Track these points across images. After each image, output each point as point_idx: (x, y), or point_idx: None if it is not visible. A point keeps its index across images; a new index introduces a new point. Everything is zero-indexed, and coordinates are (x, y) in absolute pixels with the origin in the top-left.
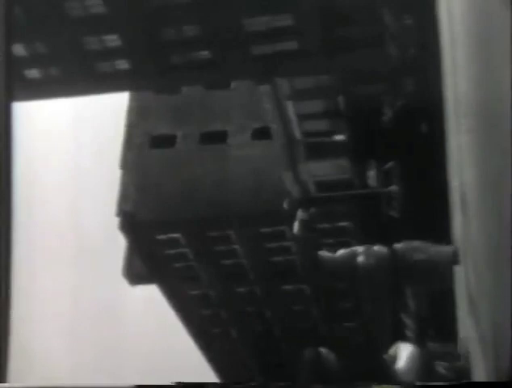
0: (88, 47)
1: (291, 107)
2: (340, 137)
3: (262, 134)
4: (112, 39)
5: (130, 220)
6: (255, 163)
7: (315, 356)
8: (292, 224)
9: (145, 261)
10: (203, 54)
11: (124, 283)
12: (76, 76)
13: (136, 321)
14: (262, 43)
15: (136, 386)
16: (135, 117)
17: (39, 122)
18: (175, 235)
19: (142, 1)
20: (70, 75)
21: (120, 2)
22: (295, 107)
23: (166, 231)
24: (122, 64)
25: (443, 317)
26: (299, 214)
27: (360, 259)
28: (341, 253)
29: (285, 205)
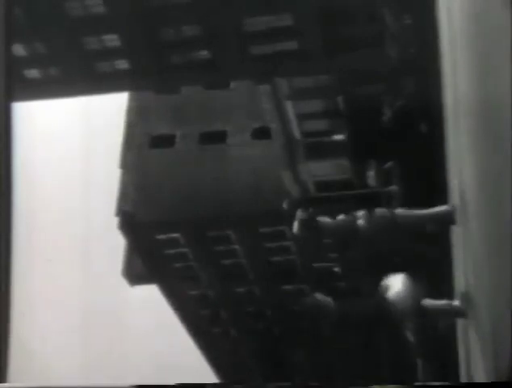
0: (88, 47)
1: (290, 106)
2: (340, 137)
3: (262, 134)
4: (112, 39)
5: (130, 220)
6: (255, 163)
7: (314, 302)
8: (292, 224)
9: (145, 261)
10: (202, 54)
11: (124, 283)
12: (75, 76)
13: (136, 321)
14: (262, 43)
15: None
16: (134, 117)
17: (39, 122)
18: (175, 235)
19: (142, 1)
20: (70, 75)
21: (120, 2)
22: (294, 106)
23: (166, 231)
24: (122, 64)
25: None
26: (298, 214)
27: (361, 222)
28: (341, 217)
29: (285, 205)
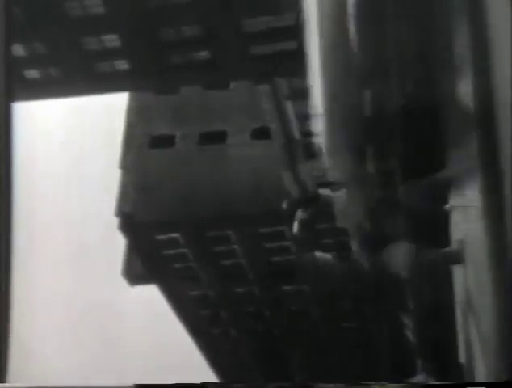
0: (87, 47)
1: (290, 107)
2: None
3: (262, 134)
4: (111, 39)
5: (129, 220)
6: (255, 163)
7: (312, 258)
8: (292, 224)
9: (145, 261)
10: (202, 54)
11: (124, 283)
12: (75, 76)
13: (136, 321)
14: (262, 43)
15: (136, 386)
16: (134, 117)
17: (39, 122)
18: (175, 235)
19: (141, 1)
20: (69, 75)
21: (120, 2)
22: (294, 107)
23: (166, 231)
24: (121, 64)
25: None
26: (298, 214)
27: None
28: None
29: (285, 205)
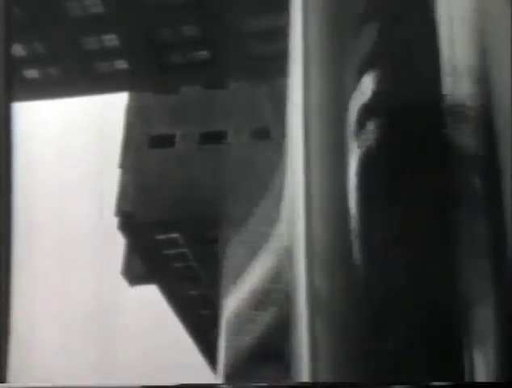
0: (86, 47)
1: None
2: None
3: (262, 134)
4: (111, 38)
5: (129, 220)
6: (254, 163)
7: None
8: None
9: (144, 261)
10: (202, 54)
11: (124, 283)
12: (74, 76)
13: (136, 321)
14: (262, 43)
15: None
16: (134, 117)
17: (38, 122)
18: (174, 235)
19: (141, 1)
20: (69, 75)
21: (119, 2)
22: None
23: (165, 231)
24: (120, 64)
25: None
26: None
27: None
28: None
29: None
